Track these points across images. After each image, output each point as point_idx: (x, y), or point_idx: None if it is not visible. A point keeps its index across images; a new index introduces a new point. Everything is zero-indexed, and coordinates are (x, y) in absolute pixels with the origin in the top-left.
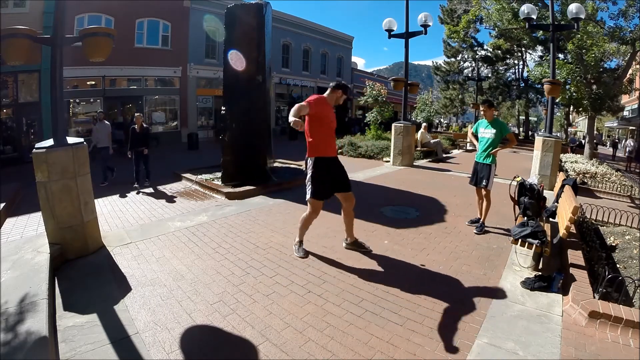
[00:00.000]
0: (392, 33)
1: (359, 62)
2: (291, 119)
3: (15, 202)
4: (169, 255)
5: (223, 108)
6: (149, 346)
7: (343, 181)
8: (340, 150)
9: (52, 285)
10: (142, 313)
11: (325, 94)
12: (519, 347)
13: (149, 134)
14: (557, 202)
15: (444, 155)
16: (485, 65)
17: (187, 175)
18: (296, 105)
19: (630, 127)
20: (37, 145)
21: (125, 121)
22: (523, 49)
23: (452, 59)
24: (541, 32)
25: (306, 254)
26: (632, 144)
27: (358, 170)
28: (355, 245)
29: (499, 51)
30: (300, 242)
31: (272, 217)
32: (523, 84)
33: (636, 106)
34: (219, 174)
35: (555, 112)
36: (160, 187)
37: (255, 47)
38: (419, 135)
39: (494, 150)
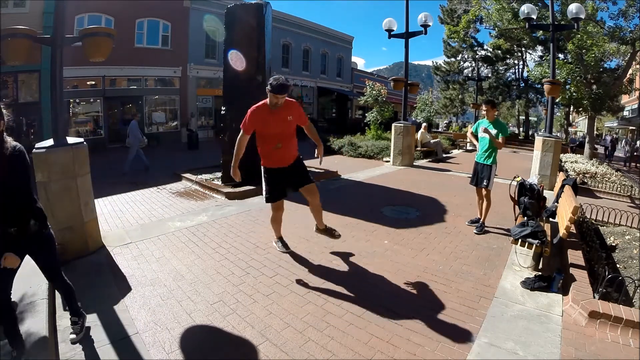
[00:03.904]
0: (392, 33)
1: (359, 62)
2: (231, 172)
3: None
4: (169, 255)
5: (223, 108)
6: (149, 346)
7: (298, 179)
8: (340, 151)
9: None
10: (142, 313)
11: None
12: (519, 347)
13: (26, 165)
14: (557, 202)
15: (444, 155)
16: (485, 65)
17: (187, 175)
18: (238, 140)
19: (630, 127)
20: (37, 145)
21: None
22: (523, 49)
23: (452, 59)
24: (541, 32)
25: (287, 247)
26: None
27: (358, 170)
28: (325, 232)
29: (499, 51)
30: (279, 238)
31: None
32: (523, 84)
33: (636, 106)
34: (219, 174)
35: (555, 112)
36: (160, 187)
37: (255, 47)
38: (419, 135)
39: (498, 141)
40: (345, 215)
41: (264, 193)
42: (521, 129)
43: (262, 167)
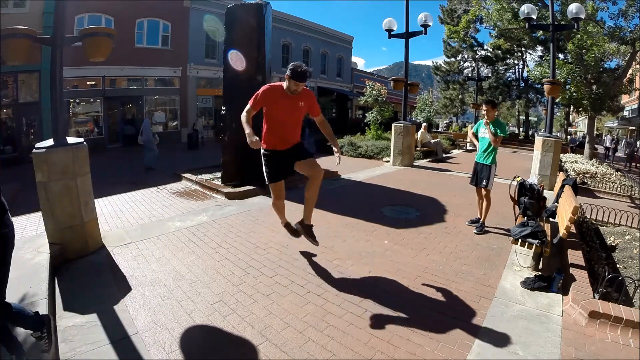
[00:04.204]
0: (392, 33)
1: (359, 62)
2: (249, 139)
3: (15, 202)
4: (169, 255)
5: (223, 108)
6: (149, 346)
7: (296, 155)
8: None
9: (52, 285)
10: (142, 313)
11: (284, 83)
12: (519, 347)
13: None
14: (557, 202)
15: (444, 155)
16: (485, 65)
17: (187, 175)
18: (244, 113)
19: (630, 127)
20: (37, 145)
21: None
22: (523, 49)
23: (452, 59)
24: (541, 32)
25: (296, 233)
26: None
27: (358, 170)
28: (307, 231)
29: (499, 51)
30: (287, 224)
31: (272, 217)
32: (523, 84)
33: (636, 106)
34: (219, 174)
35: (555, 112)
36: (160, 187)
37: (255, 47)
38: (419, 135)
39: (494, 138)
40: (345, 215)
41: (265, 176)
42: (521, 129)
43: (262, 149)
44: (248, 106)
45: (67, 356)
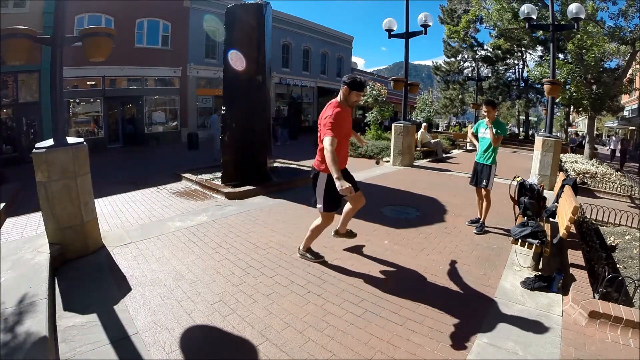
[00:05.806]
0: (392, 33)
1: (359, 62)
2: (340, 185)
3: (15, 202)
4: (169, 255)
5: (223, 108)
6: (149, 346)
7: (354, 182)
8: None
9: (52, 286)
10: (142, 313)
11: (338, 98)
12: (519, 347)
13: None
14: (557, 202)
15: (444, 155)
16: (485, 65)
17: (187, 175)
18: (328, 148)
19: (630, 127)
20: (37, 145)
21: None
22: (523, 49)
23: (452, 59)
24: (541, 32)
25: (319, 256)
26: None
27: (358, 170)
28: (347, 235)
29: (499, 51)
30: (309, 249)
31: (272, 217)
32: (523, 84)
33: (636, 106)
34: (219, 174)
35: (555, 112)
36: (160, 187)
37: (255, 47)
38: (419, 135)
39: (495, 137)
40: None
41: (323, 202)
42: (521, 129)
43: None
44: (331, 137)
45: (67, 356)
